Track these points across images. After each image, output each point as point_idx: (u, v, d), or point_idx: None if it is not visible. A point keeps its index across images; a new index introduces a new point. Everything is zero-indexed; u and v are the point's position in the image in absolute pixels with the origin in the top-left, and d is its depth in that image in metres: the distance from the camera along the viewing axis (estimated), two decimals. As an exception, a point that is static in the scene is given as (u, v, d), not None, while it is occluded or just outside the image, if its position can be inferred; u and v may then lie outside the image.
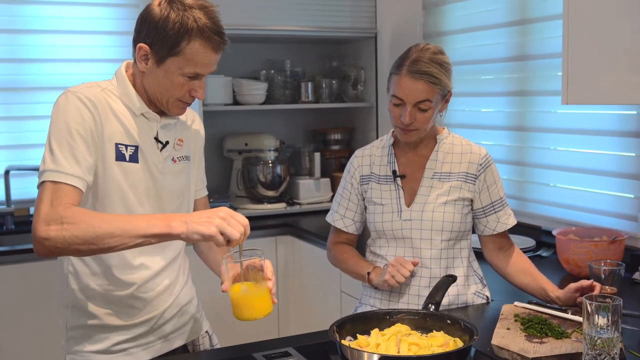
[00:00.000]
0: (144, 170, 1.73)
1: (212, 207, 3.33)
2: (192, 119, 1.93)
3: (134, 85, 1.74)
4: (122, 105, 1.72)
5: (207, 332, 1.99)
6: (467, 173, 2.03)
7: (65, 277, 1.77)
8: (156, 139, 1.76)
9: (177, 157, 1.82)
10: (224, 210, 1.52)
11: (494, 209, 2.06)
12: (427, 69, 1.92)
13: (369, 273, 2.04)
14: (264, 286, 1.59)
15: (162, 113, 1.78)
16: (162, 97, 1.71)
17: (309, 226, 3.49)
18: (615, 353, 1.50)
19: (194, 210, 1.92)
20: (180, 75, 1.66)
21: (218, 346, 1.99)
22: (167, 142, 1.78)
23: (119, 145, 1.69)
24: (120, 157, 1.69)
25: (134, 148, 1.71)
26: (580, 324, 1.66)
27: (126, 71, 1.75)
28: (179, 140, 1.83)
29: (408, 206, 2.03)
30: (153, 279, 1.79)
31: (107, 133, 1.67)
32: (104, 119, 1.67)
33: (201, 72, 1.67)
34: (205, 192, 2.00)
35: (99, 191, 1.69)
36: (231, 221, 1.50)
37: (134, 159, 1.71)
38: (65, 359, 1.79)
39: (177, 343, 1.88)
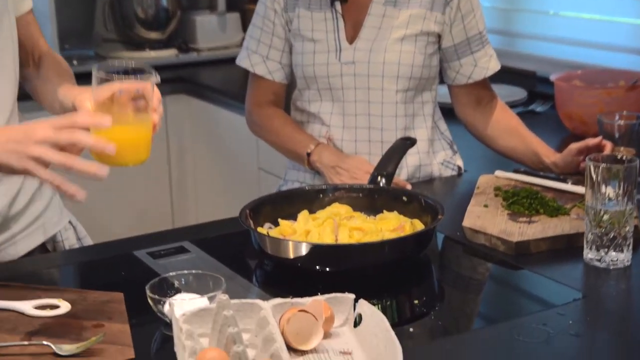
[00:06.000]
0: None
1: (71, 55, 3.23)
2: None
3: None
4: None
5: (70, 222, 2.00)
6: (434, -3, 2.04)
7: None
8: None
9: None
10: (42, 127, 1.43)
11: (471, 49, 2.10)
12: None
13: (309, 154, 2.07)
14: (145, 120, 1.48)
15: None
16: None
17: (211, 81, 3.53)
18: (628, 231, 1.55)
19: (22, 32, 1.86)
20: None
21: (87, 239, 2.02)
22: None
23: None
24: None
25: None
26: (582, 196, 1.73)
27: None
28: None
29: (350, 43, 2.05)
30: None
31: None
32: None
33: None
34: (29, 5, 1.93)
35: None
36: (61, 135, 1.42)
37: None
38: None
39: (33, 242, 1.90)
